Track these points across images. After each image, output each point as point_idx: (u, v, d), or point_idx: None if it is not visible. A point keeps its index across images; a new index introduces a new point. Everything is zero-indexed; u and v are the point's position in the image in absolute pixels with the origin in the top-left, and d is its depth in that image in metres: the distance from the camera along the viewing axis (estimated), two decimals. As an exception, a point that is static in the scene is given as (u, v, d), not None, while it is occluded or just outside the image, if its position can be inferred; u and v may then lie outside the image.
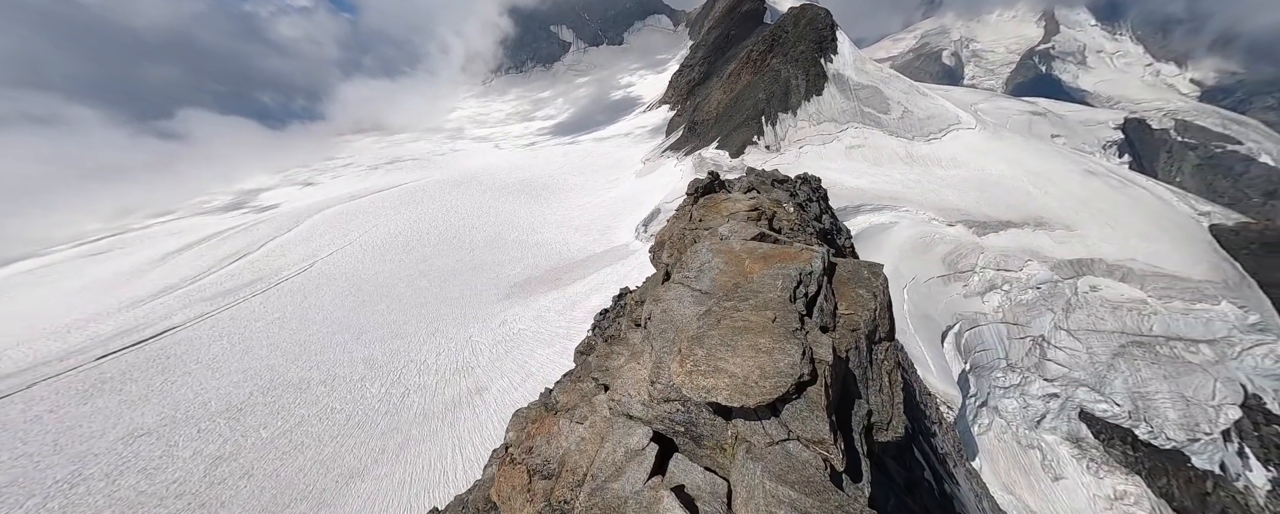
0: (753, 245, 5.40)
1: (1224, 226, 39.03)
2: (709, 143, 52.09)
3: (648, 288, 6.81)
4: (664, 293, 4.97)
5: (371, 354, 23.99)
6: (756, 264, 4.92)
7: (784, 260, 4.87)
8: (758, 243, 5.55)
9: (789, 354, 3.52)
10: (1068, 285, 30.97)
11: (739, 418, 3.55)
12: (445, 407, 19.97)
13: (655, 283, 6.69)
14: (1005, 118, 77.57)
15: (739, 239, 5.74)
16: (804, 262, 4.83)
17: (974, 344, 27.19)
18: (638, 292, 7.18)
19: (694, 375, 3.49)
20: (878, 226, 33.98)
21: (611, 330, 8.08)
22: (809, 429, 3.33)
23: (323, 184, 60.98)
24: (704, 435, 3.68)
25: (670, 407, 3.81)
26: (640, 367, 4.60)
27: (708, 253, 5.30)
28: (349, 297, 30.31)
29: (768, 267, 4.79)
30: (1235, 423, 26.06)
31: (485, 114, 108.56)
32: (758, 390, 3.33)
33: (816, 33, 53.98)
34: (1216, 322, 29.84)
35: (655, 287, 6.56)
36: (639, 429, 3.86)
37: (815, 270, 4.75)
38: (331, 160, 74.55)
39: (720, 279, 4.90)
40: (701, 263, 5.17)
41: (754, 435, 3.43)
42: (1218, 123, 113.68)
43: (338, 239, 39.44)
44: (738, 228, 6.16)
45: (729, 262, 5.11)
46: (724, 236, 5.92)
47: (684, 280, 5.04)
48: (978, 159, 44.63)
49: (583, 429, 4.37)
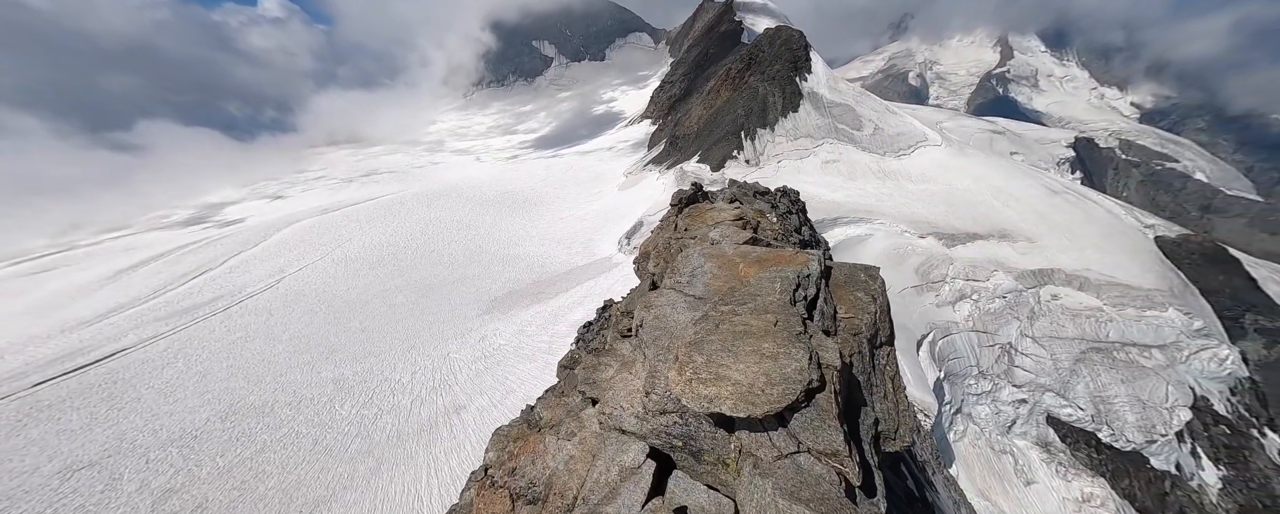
0: (746, 249, 5.22)
1: (1168, 238, 42.03)
2: (690, 157, 53.07)
3: (634, 298, 6.57)
4: (655, 299, 4.71)
5: (342, 374, 22.89)
6: (751, 268, 4.74)
7: (779, 263, 4.69)
8: (750, 247, 5.37)
9: (795, 359, 3.29)
10: (1031, 294, 32.52)
11: (743, 429, 3.28)
12: (421, 427, 19.14)
13: (642, 293, 6.54)
14: (968, 136, 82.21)
15: (731, 243, 5.56)
16: (800, 264, 4.61)
17: (947, 352, 28.07)
18: (623, 303, 6.92)
19: (694, 384, 3.24)
20: (854, 238, 35.06)
21: (596, 343, 7.94)
22: (821, 440, 3.09)
23: (293, 197, 58.88)
24: (704, 450, 3.40)
25: (667, 419, 3.53)
26: (632, 377, 4.30)
27: (700, 257, 5.12)
28: (319, 314, 29.01)
29: (763, 270, 4.60)
30: (1187, 424, 27.57)
31: (466, 127, 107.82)
32: (765, 399, 3.07)
33: (791, 53, 56.32)
34: (1165, 327, 31.80)
35: (643, 295, 6.49)
36: (633, 445, 3.60)
37: (813, 273, 4.55)
38: (303, 173, 72.24)
39: (714, 283, 4.67)
40: (694, 268, 4.97)
41: (760, 449, 3.17)
42: (1156, 142, 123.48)
43: (308, 254, 37.92)
44: (729, 233, 5.99)
45: (722, 266, 4.92)
46: (715, 241, 5.75)
47: (676, 286, 4.80)
48: (945, 174, 46.93)
49: (571, 446, 4.07)
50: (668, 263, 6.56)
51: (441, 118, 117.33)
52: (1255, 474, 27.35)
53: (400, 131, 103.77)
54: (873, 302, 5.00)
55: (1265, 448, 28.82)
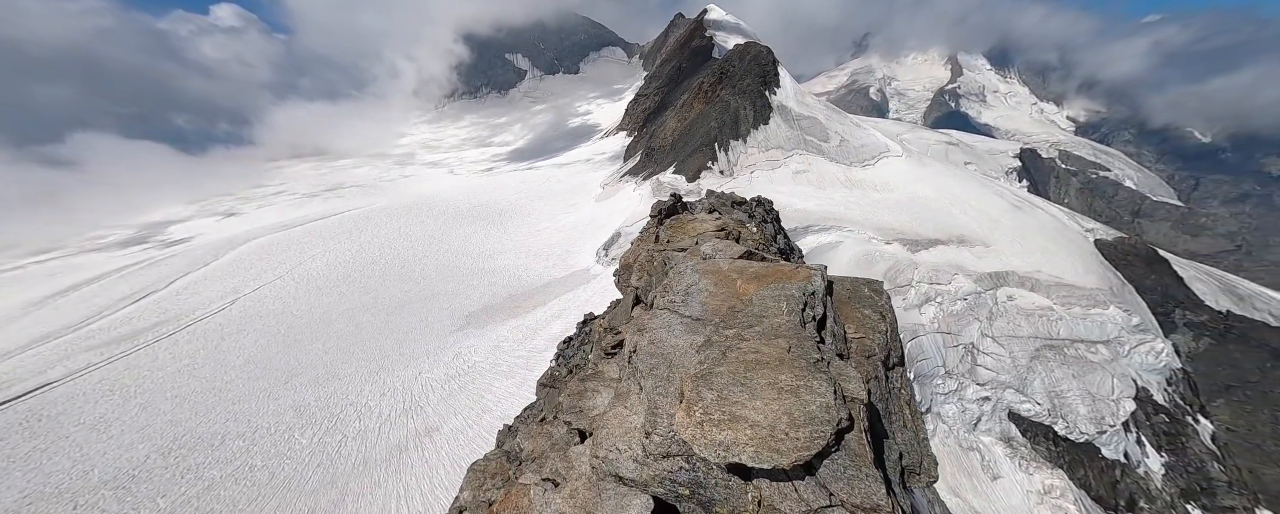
0: (742, 264, 4.81)
1: (1106, 241, 45.63)
2: (666, 168, 53.78)
3: (618, 315, 6.30)
4: (649, 321, 4.29)
5: (302, 400, 21.50)
6: (750, 284, 4.34)
7: (780, 279, 4.31)
8: (746, 262, 4.93)
9: (819, 393, 2.90)
10: (989, 296, 34.43)
11: (763, 478, 2.87)
12: (389, 453, 18.12)
13: (625, 309, 6.27)
14: (926, 147, 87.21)
15: (725, 258, 5.13)
16: (803, 280, 4.23)
17: (916, 354, 29.21)
18: (606, 318, 6.70)
19: (706, 427, 2.82)
20: (825, 246, 36.24)
21: (577, 359, 7.75)
22: (858, 492, 2.68)
23: (248, 214, 55.61)
24: (716, 499, 2.91)
25: (671, 464, 3.04)
26: (628, 412, 3.74)
27: (693, 273, 4.70)
28: (277, 337, 27.26)
29: (763, 287, 4.24)
30: (1131, 414, 29.64)
31: (438, 139, 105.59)
32: (791, 445, 2.64)
33: (760, 68, 58.48)
34: (1108, 324, 34.30)
35: (627, 312, 6.16)
36: (635, 499, 3.12)
37: (818, 289, 4.18)
38: (260, 188, 68.50)
39: (712, 302, 4.23)
40: (688, 285, 4.53)
41: (785, 502, 2.72)
42: (1091, 153, 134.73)
43: (265, 273, 35.77)
44: (722, 246, 5.54)
45: (719, 282, 4.51)
46: (707, 255, 5.31)
47: (670, 305, 4.37)
48: (906, 183, 49.45)
49: (560, 500, 3.56)
50: (652, 277, 6.33)
51: (412, 130, 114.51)
52: (1192, 459, 29.61)
53: (368, 144, 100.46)
54: (882, 319, 4.56)
55: (1199, 434, 31.30)
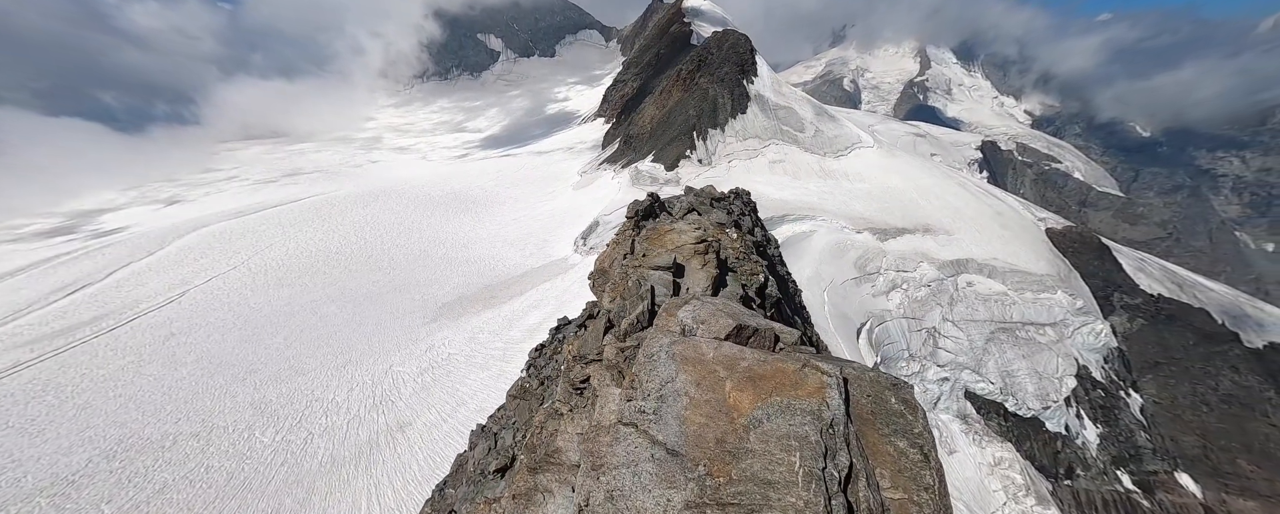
0: (731, 353, 3.65)
1: (1055, 230, 48.57)
2: (645, 156, 53.38)
3: (588, 340, 5.49)
4: (608, 450, 3.09)
5: (263, 397, 20.53)
6: (743, 393, 3.30)
7: (782, 389, 3.29)
8: (736, 348, 3.73)
9: None
10: (950, 282, 36.19)
11: None
12: (359, 450, 17.62)
13: (596, 335, 5.41)
14: (895, 138, 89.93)
15: (709, 338, 3.91)
16: (814, 395, 3.19)
17: (883, 338, 30.53)
18: (577, 341, 5.98)
19: None
20: (800, 235, 37.07)
21: (548, 370, 7.52)
22: None
23: (195, 201, 51.86)
24: None
25: None
26: None
27: (669, 362, 3.58)
28: (233, 331, 25.81)
29: (760, 400, 3.23)
30: (1073, 390, 32.08)
31: (409, 123, 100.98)
32: None
33: (738, 56, 58.35)
34: (1055, 308, 36.75)
35: (598, 339, 5.24)
36: None
37: (836, 415, 3.09)
38: (209, 173, 63.88)
39: (694, 422, 3.13)
40: (662, 382, 3.45)
41: None
42: (1044, 146, 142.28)
43: (219, 262, 33.64)
44: (703, 315, 4.26)
45: (702, 382, 3.41)
46: (688, 329, 4.09)
47: (638, 417, 3.22)
48: (877, 174, 50.93)
49: None
50: (626, 300, 5.70)
51: (378, 113, 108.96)
52: (1123, 430, 32.45)
53: (331, 127, 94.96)
54: (925, 461, 3.21)
55: (1130, 406, 34.26)
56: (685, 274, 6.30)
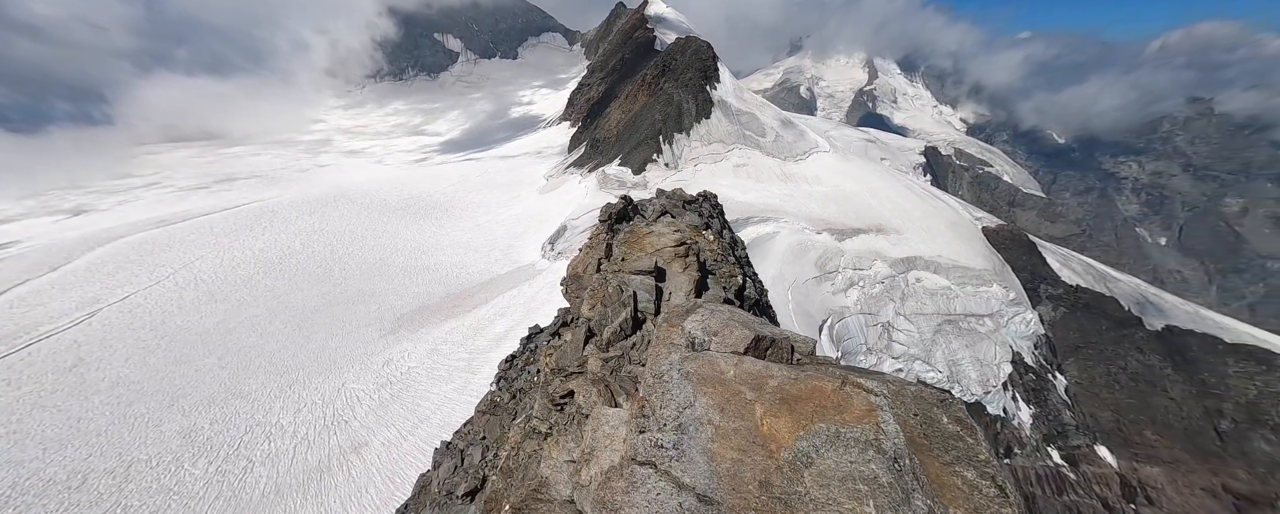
0: (754, 370, 3.02)
1: (990, 228, 53.04)
2: (612, 159, 53.38)
3: (567, 352, 5.11)
4: (622, 494, 2.53)
5: (193, 424, 18.55)
6: (779, 419, 2.70)
7: (824, 411, 2.71)
8: (759, 364, 3.11)
9: None
10: (902, 279, 38.59)
11: None
12: (307, 476, 16.26)
13: (575, 346, 5.04)
14: (849, 143, 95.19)
15: (725, 352, 3.27)
16: (864, 423, 2.63)
17: (843, 334, 32.02)
18: (553, 354, 5.57)
19: None
20: (764, 236, 38.29)
21: (520, 382, 7.21)
22: None
23: (107, 210, 46.38)
24: None
25: None
26: None
27: (683, 383, 2.93)
28: (156, 353, 23.21)
29: (802, 428, 2.63)
30: (1009, 376, 35.01)
31: (362, 125, 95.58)
32: None
33: (701, 62, 59.79)
34: (992, 300, 40.04)
35: (578, 349, 4.87)
36: None
37: (897, 446, 2.54)
38: (125, 179, 57.38)
39: (725, 457, 2.56)
40: (679, 408, 2.85)
41: None
42: (978, 151, 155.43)
43: (138, 277, 30.22)
44: (714, 325, 3.59)
45: (727, 407, 2.81)
46: (698, 342, 3.49)
47: (656, 454, 2.64)
48: (833, 177, 53.61)
49: None
50: (608, 308, 5.22)
51: (327, 114, 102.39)
52: (1051, 409, 35.76)
53: (271, 128, 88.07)
54: (1004, 497, 2.56)
55: (1056, 387, 37.81)
56: (667, 278, 6.09)
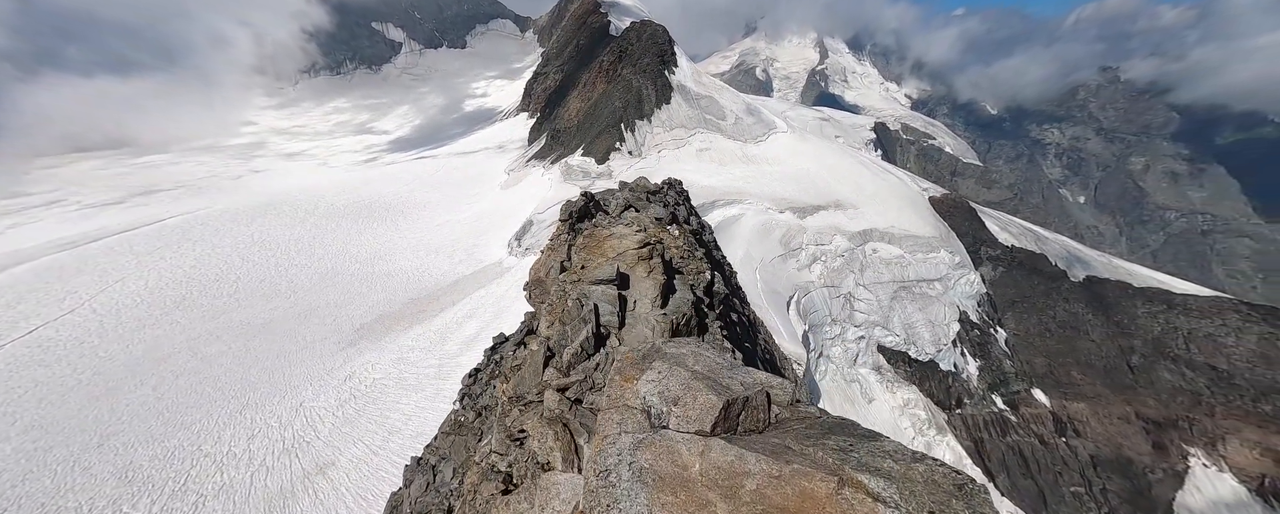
0: (725, 463, 2.31)
1: (936, 198, 56.66)
2: (574, 150, 52.35)
3: (525, 378, 4.67)
4: None
5: (129, 462, 17.01)
6: None
7: None
8: (732, 452, 2.34)
9: None
10: (860, 251, 40.69)
11: None
12: (268, 504, 15.37)
13: (534, 371, 4.60)
14: (805, 123, 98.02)
15: (688, 434, 2.54)
16: None
17: (809, 308, 33.56)
18: (511, 378, 5.06)
19: None
20: (730, 218, 39.10)
21: (485, 399, 6.91)
22: None
23: (0, 234, 40.66)
24: None
25: None
26: None
27: (635, 489, 2.26)
28: (77, 389, 20.96)
29: None
30: (957, 334, 38.06)
31: (300, 126, 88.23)
32: None
33: (658, 47, 59.17)
34: (940, 264, 43.08)
35: (537, 374, 4.55)
36: None
37: None
38: (17, 198, 50.38)
39: None
40: None
41: None
42: (922, 125, 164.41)
43: (46, 307, 26.98)
44: (674, 389, 2.85)
45: None
46: (655, 412, 2.80)
47: None
48: (792, 157, 55.19)
49: None
50: (567, 326, 4.79)
51: (258, 115, 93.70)
52: (994, 360, 39.33)
53: (192, 133, 79.62)
54: None
55: (997, 340, 41.53)
56: (631, 284, 5.71)
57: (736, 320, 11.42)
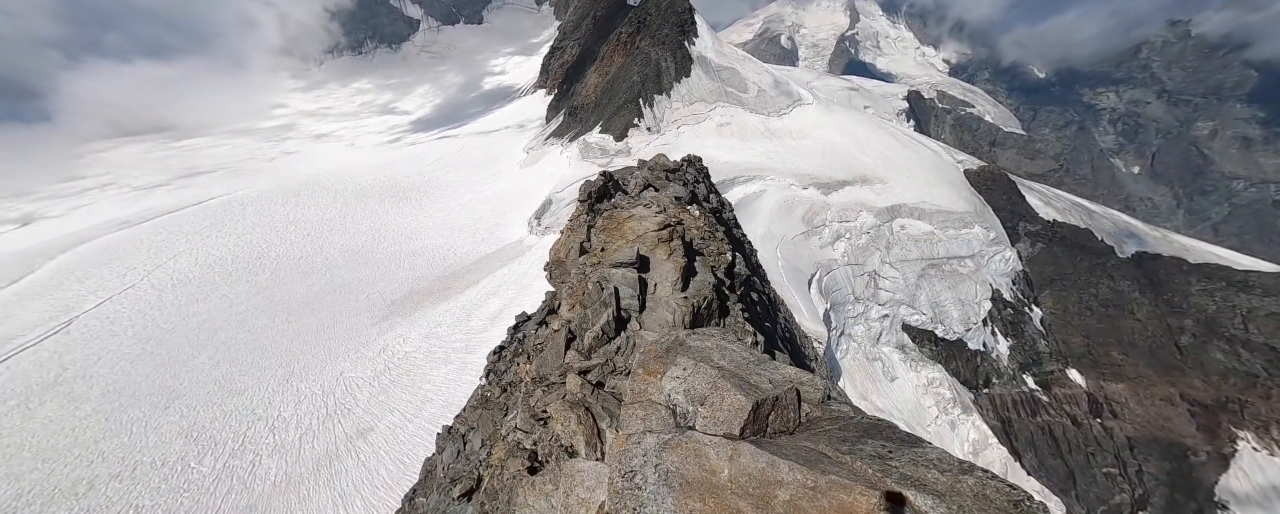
0: (756, 469, 2.19)
1: (971, 170, 53.50)
2: (592, 127, 51.64)
3: (548, 360, 4.65)
4: None
5: (194, 423, 18.79)
6: None
7: None
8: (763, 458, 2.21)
9: None
10: (887, 227, 39.24)
11: None
12: (318, 463, 16.79)
13: (556, 353, 4.58)
14: (832, 93, 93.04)
15: (717, 438, 2.41)
16: None
17: (830, 286, 32.93)
18: (535, 359, 5.04)
19: None
20: (751, 196, 38.19)
21: (509, 375, 7.08)
22: None
23: (62, 216, 44.02)
24: None
25: None
26: None
27: (661, 490, 2.25)
28: (144, 357, 23.03)
29: None
30: (988, 312, 36.71)
31: (326, 108, 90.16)
32: None
33: (677, 16, 56.58)
34: (973, 241, 41.15)
35: (559, 356, 4.51)
36: None
37: None
38: (74, 182, 54.04)
39: None
40: None
41: None
42: (960, 92, 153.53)
43: (109, 282, 29.36)
44: (700, 387, 2.78)
45: None
46: (680, 412, 2.74)
47: None
48: (817, 130, 52.84)
49: None
50: (587, 310, 4.77)
51: (287, 98, 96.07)
52: (1027, 340, 37.92)
53: (229, 116, 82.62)
54: None
55: (1032, 319, 39.89)
56: (651, 267, 5.66)
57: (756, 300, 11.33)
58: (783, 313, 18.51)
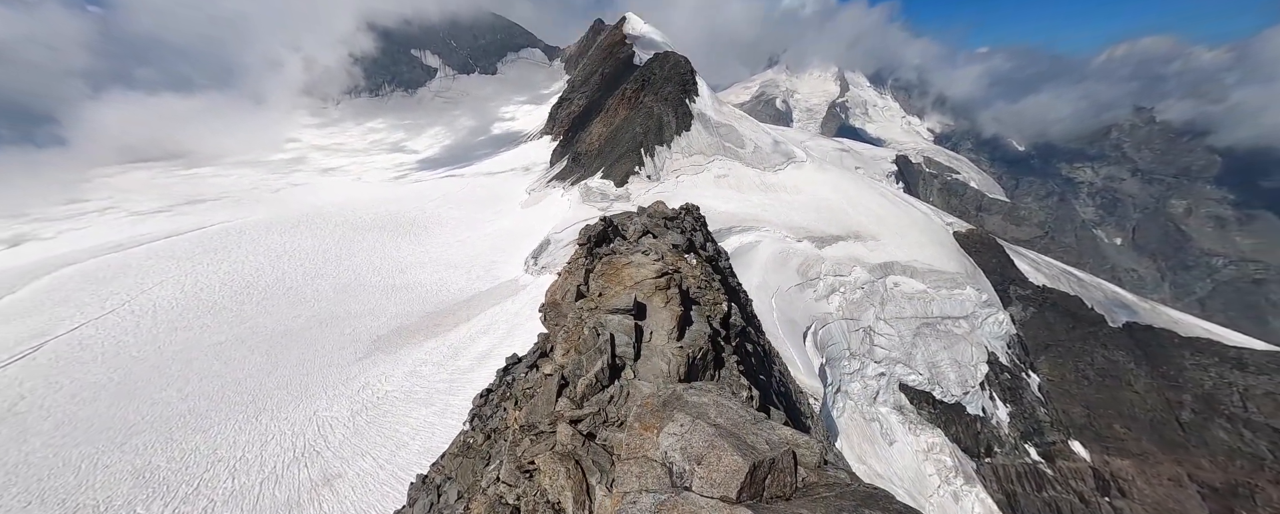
0: None
1: (960, 232, 55.21)
2: (594, 172, 53.61)
3: (538, 406, 4.63)
4: None
5: (148, 463, 17.33)
6: None
7: None
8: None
9: None
10: (880, 283, 39.61)
11: None
12: (274, 512, 15.32)
13: (547, 400, 4.60)
14: (824, 153, 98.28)
15: (713, 503, 2.40)
16: None
17: (826, 340, 32.52)
18: (525, 405, 4.95)
19: None
20: (747, 245, 38.85)
21: (495, 421, 6.86)
22: None
23: (51, 238, 43.65)
24: None
25: None
26: None
27: None
28: (108, 388, 21.76)
29: None
30: (985, 376, 36.08)
31: (339, 143, 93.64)
32: None
33: (680, 76, 61.15)
34: (966, 302, 41.44)
35: (550, 404, 4.51)
36: None
37: None
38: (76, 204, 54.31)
39: None
40: None
41: None
42: (946, 159, 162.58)
43: (87, 307, 28.46)
44: (697, 446, 2.76)
45: None
46: (677, 471, 2.75)
47: None
48: (811, 187, 55.07)
49: None
50: (582, 356, 4.81)
51: (301, 133, 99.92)
52: (1026, 406, 36.92)
53: (241, 147, 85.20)
54: None
55: (1030, 385, 39.14)
56: (647, 315, 5.65)
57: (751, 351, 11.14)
58: (778, 366, 18.10)
